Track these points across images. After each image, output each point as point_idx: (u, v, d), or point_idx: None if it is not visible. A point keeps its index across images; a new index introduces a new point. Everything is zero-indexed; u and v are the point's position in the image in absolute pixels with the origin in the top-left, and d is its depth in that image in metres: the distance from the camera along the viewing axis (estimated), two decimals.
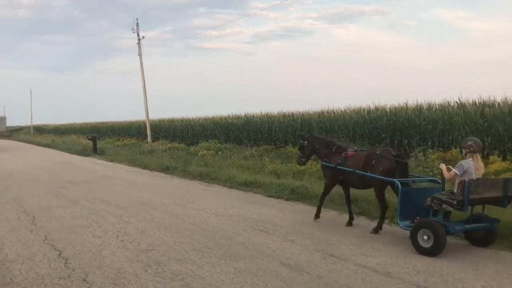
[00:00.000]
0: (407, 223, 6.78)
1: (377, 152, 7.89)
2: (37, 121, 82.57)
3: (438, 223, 6.35)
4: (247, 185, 12.98)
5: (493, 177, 8.39)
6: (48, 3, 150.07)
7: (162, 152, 25.56)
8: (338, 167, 8.05)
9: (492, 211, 6.91)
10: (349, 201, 8.36)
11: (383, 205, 7.59)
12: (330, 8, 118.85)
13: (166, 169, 18.08)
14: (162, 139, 34.37)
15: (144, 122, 41.05)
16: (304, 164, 9.53)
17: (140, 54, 34.97)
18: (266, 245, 6.82)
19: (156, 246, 6.76)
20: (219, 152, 23.13)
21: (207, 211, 9.52)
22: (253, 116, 29.06)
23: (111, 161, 23.76)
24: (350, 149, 8.35)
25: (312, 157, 9.46)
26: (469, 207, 6.57)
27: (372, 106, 21.11)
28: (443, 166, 6.85)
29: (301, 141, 9.66)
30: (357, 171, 7.72)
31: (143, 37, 35.05)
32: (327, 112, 23.75)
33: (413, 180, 7.85)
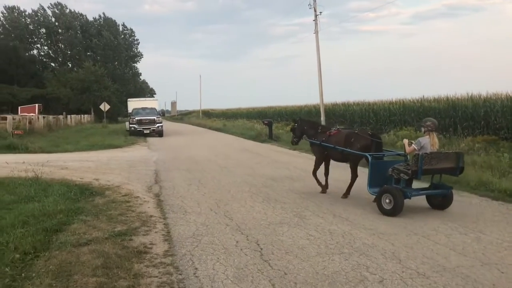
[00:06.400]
0: (376, 190, 7.97)
1: (356, 131, 9.22)
2: (204, 106, 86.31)
3: (398, 189, 7.61)
4: None
5: (446, 151, 9.27)
6: None
7: None
8: (322, 143, 9.50)
9: None
10: (327, 173, 9.78)
11: (355, 175, 9.05)
12: None
13: None
14: (338, 125, 30.74)
15: (315, 106, 38.03)
16: (297, 143, 10.75)
17: (316, 32, 31.60)
18: None
19: None
20: None
21: None
22: (459, 98, 23.57)
23: (294, 149, 20.88)
24: (333, 128, 9.90)
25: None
26: (431, 176, 8.16)
27: None
28: (405, 142, 8.24)
29: (293, 124, 11.05)
30: (337, 147, 9.10)
31: (321, 13, 31.56)
32: None
33: (384, 154, 9.06)
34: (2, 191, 9.18)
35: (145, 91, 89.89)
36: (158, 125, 30.87)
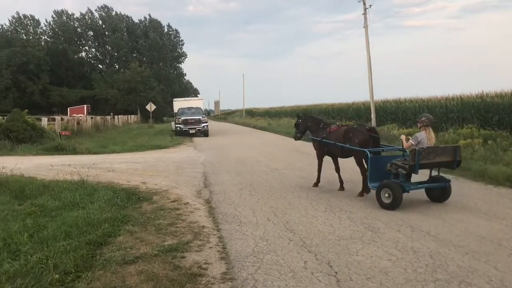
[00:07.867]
0: (376, 184, 8.09)
1: (354, 127, 9.36)
2: (247, 105, 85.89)
3: (396, 183, 7.74)
4: None
5: (443, 145, 9.29)
6: None
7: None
8: (322, 140, 9.73)
9: None
10: (337, 169, 9.84)
11: (363, 169, 8.89)
12: None
13: None
14: (389, 123, 29.25)
15: (364, 104, 36.49)
16: (299, 138, 11.13)
17: (366, 26, 30.08)
18: None
19: None
20: (489, 142, 17.15)
21: None
22: None
23: None
24: (334, 125, 9.94)
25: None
26: (429, 171, 8.19)
27: None
28: (403, 137, 8.51)
29: (297, 120, 11.11)
30: (337, 143, 9.29)
31: (370, 6, 30.08)
32: None
33: (383, 149, 9.29)
34: (46, 196, 8.73)
35: (189, 91, 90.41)
36: (203, 124, 30.43)
